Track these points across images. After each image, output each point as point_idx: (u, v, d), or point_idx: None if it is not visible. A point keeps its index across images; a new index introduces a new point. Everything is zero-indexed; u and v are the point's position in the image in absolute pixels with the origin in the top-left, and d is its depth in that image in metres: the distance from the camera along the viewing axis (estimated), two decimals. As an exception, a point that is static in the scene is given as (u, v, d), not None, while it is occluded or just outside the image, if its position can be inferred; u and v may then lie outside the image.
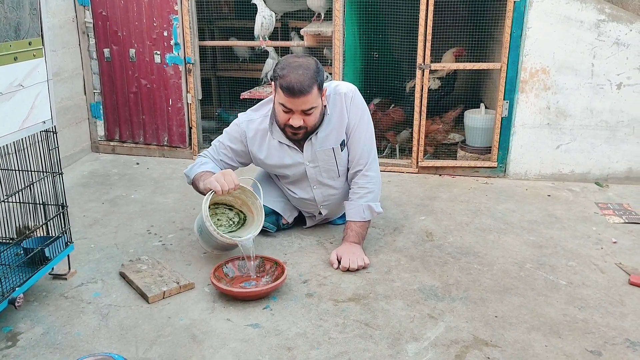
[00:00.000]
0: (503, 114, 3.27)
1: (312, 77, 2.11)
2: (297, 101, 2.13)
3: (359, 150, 2.35)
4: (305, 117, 2.19)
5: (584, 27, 3.04)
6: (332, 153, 2.35)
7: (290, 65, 2.14)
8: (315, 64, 2.17)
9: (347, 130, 2.34)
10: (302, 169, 2.40)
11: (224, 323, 1.91)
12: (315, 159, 2.37)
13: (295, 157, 2.38)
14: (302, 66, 2.12)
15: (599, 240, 2.54)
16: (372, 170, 2.38)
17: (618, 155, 3.20)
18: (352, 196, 2.39)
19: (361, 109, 2.34)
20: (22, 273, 1.92)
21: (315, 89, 2.12)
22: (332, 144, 2.34)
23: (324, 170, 2.40)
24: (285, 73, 2.11)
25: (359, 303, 2.03)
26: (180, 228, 2.64)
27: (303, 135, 2.28)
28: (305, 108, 2.16)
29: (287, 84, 2.10)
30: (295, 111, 2.17)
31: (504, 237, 2.56)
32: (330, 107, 2.32)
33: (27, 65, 1.77)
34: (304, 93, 2.10)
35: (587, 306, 2.02)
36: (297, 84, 2.09)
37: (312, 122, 2.23)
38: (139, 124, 3.74)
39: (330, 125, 2.32)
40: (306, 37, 3.54)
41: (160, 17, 3.48)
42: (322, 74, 2.17)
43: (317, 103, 2.18)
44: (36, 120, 1.85)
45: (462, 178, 3.37)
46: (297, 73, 2.10)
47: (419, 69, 3.26)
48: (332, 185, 2.45)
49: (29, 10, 1.73)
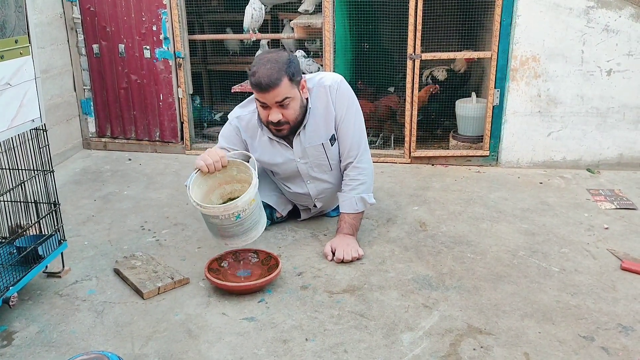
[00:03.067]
0: (494, 103, 3.27)
1: (281, 69, 2.10)
2: (268, 95, 2.12)
3: (348, 142, 2.34)
4: (283, 110, 2.17)
5: (574, 14, 3.04)
6: (322, 149, 2.35)
7: (259, 61, 2.14)
8: (287, 56, 2.16)
9: (335, 122, 2.33)
10: (294, 166, 2.40)
11: (219, 317, 1.92)
12: (306, 154, 2.36)
13: (286, 154, 2.37)
14: (270, 60, 2.12)
15: (591, 227, 2.55)
16: (363, 161, 2.38)
17: (609, 142, 3.22)
18: (345, 188, 2.39)
19: (348, 100, 2.32)
20: (15, 272, 1.92)
21: (285, 80, 2.11)
22: (321, 139, 2.33)
23: (315, 166, 2.40)
24: (255, 69, 2.12)
25: (354, 294, 2.04)
26: (174, 223, 2.64)
27: (288, 130, 2.26)
28: (279, 100, 2.14)
29: (255, 80, 2.11)
30: (271, 105, 2.16)
31: (496, 226, 2.58)
32: (315, 100, 2.30)
33: (14, 64, 1.75)
34: (273, 86, 2.09)
35: (579, 292, 2.04)
36: (264, 78, 2.08)
37: (292, 116, 2.20)
38: (130, 120, 3.72)
39: (317, 119, 2.31)
40: (296, 29, 3.53)
41: (148, 12, 3.46)
42: (294, 66, 2.14)
43: (292, 94, 2.16)
44: (25, 118, 1.84)
45: (454, 167, 3.38)
46: (265, 67, 2.10)
47: (409, 59, 3.25)
48: (325, 179, 2.45)
49: (14, 7, 1.71)
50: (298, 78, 2.18)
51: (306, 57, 3.62)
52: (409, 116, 3.36)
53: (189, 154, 3.67)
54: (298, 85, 2.19)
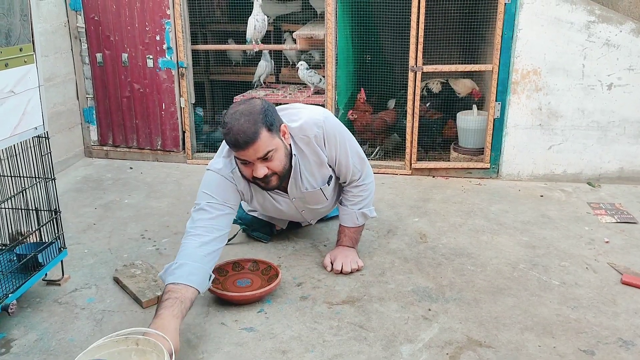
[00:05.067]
0: (495, 115, 3.28)
1: (256, 122, 1.89)
2: (248, 152, 1.91)
3: (350, 170, 2.24)
4: (268, 163, 1.97)
5: (575, 29, 3.06)
6: (320, 192, 2.25)
7: (232, 116, 1.92)
8: (261, 104, 1.95)
9: (330, 162, 2.19)
10: (293, 207, 2.31)
11: (218, 327, 1.91)
12: (302, 197, 2.25)
13: (281, 199, 2.25)
14: (243, 114, 1.91)
15: (592, 240, 2.55)
16: (366, 179, 2.33)
17: (609, 155, 3.22)
18: (346, 202, 2.34)
19: (336, 137, 2.14)
20: (15, 279, 1.92)
21: (263, 132, 1.90)
22: (318, 184, 2.22)
23: (311, 202, 2.31)
24: (229, 126, 1.90)
25: (353, 305, 2.04)
26: (174, 232, 2.64)
27: (277, 181, 2.05)
28: (260, 155, 1.93)
29: (230, 139, 1.91)
30: (253, 162, 1.96)
31: (497, 238, 2.58)
32: (299, 148, 2.11)
33: (18, 72, 1.76)
34: (250, 142, 1.88)
35: (579, 306, 2.03)
36: (240, 135, 1.88)
37: (279, 167, 2.00)
38: (132, 129, 3.73)
39: (309, 166, 2.15)
40: (299, 40, 3.55)
41: (152, 22, 3.48)
42: (270, 114, 1.94)
43: (274, 145, 1.95)
44: (28, 126, 1.85)
45: (455, 179, 3.38)
46: (239, 123, 1.89)
47: (411, 71, 3.27)
48: (320, 208, 2.40)
49: (19, 16, 1.73)
50: (277, 125, 1.98)
51: (308, 68, 3.64)
52: (410, 127, 3.37)
53: (191, 163, 3.68)
54: (279, 133, 1.99)
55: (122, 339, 1.61)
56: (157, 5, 3.44)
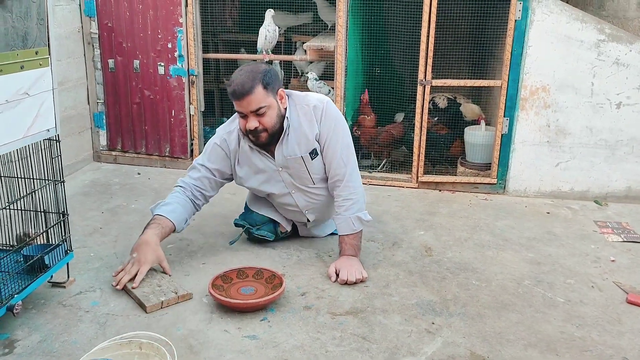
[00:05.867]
0: (503, 131, 3.29)
1: (255, 78, 2.17)
2: (243, 103, 2.19)
3: (335, 160, 2.36)
4: (260, 118, 2.22)
5: (584, 47, 3.07)
6: (302, 161, 2.37)
7: (237, 72, 2.23)
8: (265, 67, 2.24)
9: (320, 140, 2.36)
10: (277, 175, 2.42)
11: (221, 334, 1.91)
12: (287, 165, 2.39)
13: (267, 162, 2.40)
14: (247, 71, 2.20)
15: (597, 259, 2.54)
16: (352, 180, 2.38)
17: (617, 174, 3.22)
18: (339, 210, 2.39)
19: (334, 120, 2.35)
20: (21, 280, 1.93)
21: (259, 88, 2.17)
22: (302, 152, 2.35)
23: (297, 177, 2.42)
24: (232, 79, 2.20)
25: (357, 316, 2.03)
26: (179, 239, 2.65)
27: (266, 138, 2.29)
28: (253, 108, 2.19)
29: (230, 89, 2.19)
30: (247, 114, 2.22)
31: (502, 254, 2.57)
32: (299, 115, 2.33)
33: (33, 74, 1.79)
34: (246, 93, 2.16)
35: (584, 324, 2.02)
36: (237, 86, 2.16)
37: (269, 123, 2.24)
38: (141, 134, 3.76)
39: (299, 133, 2.33)
40: (309, 51, 3.58)
41: (165, 30, 3.52)
42: (269, 76, 2.20)
43: (267, 102, 2.21)
44: (40, 128, 1.87)
45: (461, 194, 3.38)
46: (240, 77, 2.18)
47: (420, 85, 3.28)
48: (309, 191, 2.46)
49: (36, 20, 1.76)
50: (275, 87, 2.24)
51: (317, 79, 3.66)
52: (417, 141, 3.37)
53: (198, 170, 3.69)
54: (275, 94, 2.25)
55: (125, 342, 1.62)
56: (170, 13, 3.48)
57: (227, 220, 2.78)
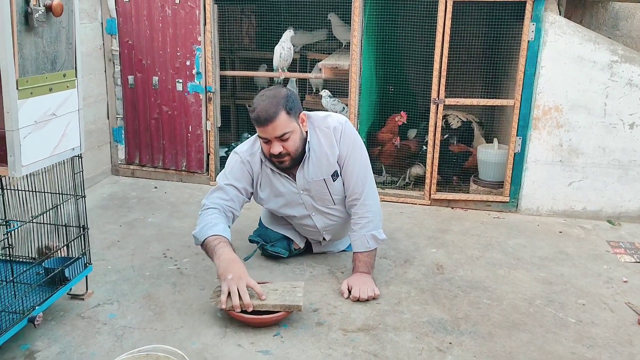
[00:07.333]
0: (516, 150, 3.31)
1: (278, 104, 2.20)
2: (267, 129, 2.21)
3: (353, 179, 2.40)
4: (283, 142, 2.25)
5: (597, 67, 3.09)
6: (324, 184, 2.41)
7: (259, 97, 2.25)
8: (286, 92, 2.26)
9: (340, 161, 2.39)
10: (298, 198, 2.45)
11: (235, 348, 1.95)
12: (309, 188, 2.42)
13: (288, 186, 2.43)
14: (269, 96, 2.23)
15: (610, 279, 2.54)
16: (369, 198, 2.42)
17: (630, 194, 3.22)
18: (354, 227, 2.43)
19: (352, 140, 2.38)
20: (42, 292, 1.98)
21: (282, 113, 2.20)
22: (323, 174, 2.39)
23: (318, 199, 2.45)
24: (254, 105, 2.22)
25: (368, 333, 2.06)
26: (195, 253, 2.69)
27: (290, 162, 2.32)
28: (278, 134, 2.22)
29: (254, 116, 2.21)
30: (271, 139, 2.24)
31: (514, 273, 2.58)
32: (319, 137, 2.37)
33: (61, 96, 1.85)
34: (270, 120, 2.18)
35: (595, 345, 2.02)
36: (262, 113, 2.18)
37: (292, 147, 2.28)
38: (159, 149, 3.84)
39: (320, 155, 2.37)
40: (324, 69, 3.64)
41: (183, 47, 3.61)
42: (291, 101, 2.24)
43: (291, 128, 2.24)
44: (66, 147, 1.93)
45: (474, 212, 3.39)
46: (263, 103, 2.20)
47: (433, 104, 3.32)
48: (330, 213, 2.50)
49: (65, 44, 1.83)
50: (296, 112, 2.27)
51: (331, 96, 3.72)
52: (430, 159, 3.41)
53: (214, 184, 3.74)
54: (297, 118, 2.28)
55: (143, 355, 1.66)
56: (189, 32, 3.57)
57: (242, 235, 2.83)
